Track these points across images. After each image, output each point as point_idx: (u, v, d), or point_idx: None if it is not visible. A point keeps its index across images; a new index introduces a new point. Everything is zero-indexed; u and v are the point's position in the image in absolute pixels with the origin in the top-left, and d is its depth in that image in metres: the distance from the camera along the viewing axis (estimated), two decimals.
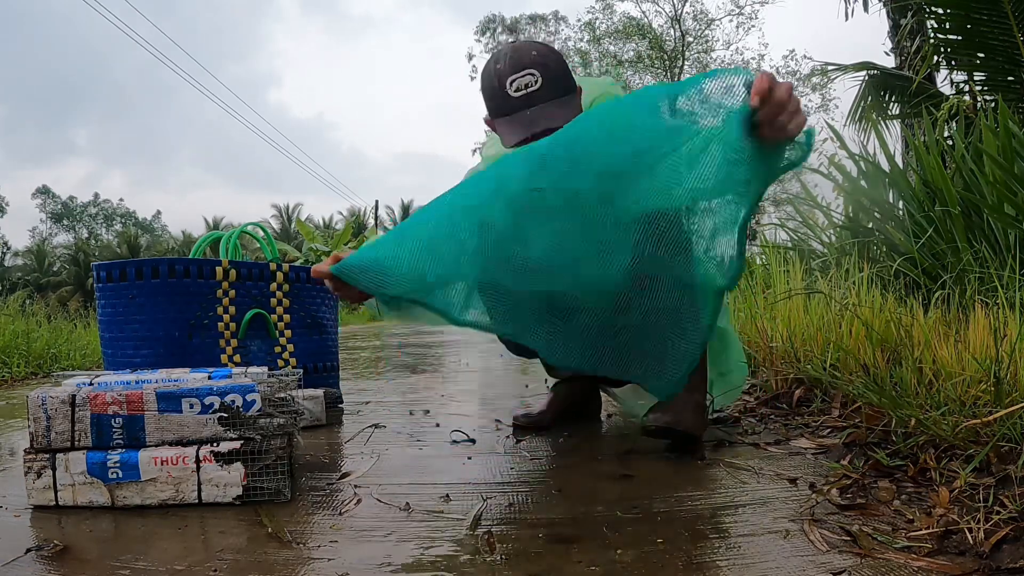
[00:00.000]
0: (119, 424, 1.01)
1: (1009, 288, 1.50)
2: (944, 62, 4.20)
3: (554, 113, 1.23)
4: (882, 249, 2.55)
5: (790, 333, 1.91)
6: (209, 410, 1.03)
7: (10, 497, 1.07)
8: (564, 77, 1.26)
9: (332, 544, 0.85)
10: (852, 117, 5.02)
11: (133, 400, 1.01)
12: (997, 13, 3.54)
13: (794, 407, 1.64)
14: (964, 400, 1.11)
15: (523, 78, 1.25)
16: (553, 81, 1.25)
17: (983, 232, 2.15)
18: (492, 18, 22.78)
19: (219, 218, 32.87)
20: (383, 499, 1.03)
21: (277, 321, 1.79)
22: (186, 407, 1.02)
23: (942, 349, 1.25)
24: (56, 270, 31.93)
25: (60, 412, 0.99)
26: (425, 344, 4.73)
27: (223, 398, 1.03)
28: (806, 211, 3.35)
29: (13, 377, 3.13)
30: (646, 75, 21.36)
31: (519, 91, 1.25)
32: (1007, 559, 0.73)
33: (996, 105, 2.84)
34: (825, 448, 1.27)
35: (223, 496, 1.01)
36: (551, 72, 1.25)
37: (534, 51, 1.27)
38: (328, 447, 1.44)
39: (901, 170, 2.82)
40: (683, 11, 20.74)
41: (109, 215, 44.77)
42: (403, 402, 2.04)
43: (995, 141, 2.20)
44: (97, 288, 1.71)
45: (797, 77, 20.28)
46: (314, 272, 1.16)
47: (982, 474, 0.94)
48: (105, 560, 0.81)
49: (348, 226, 18.00)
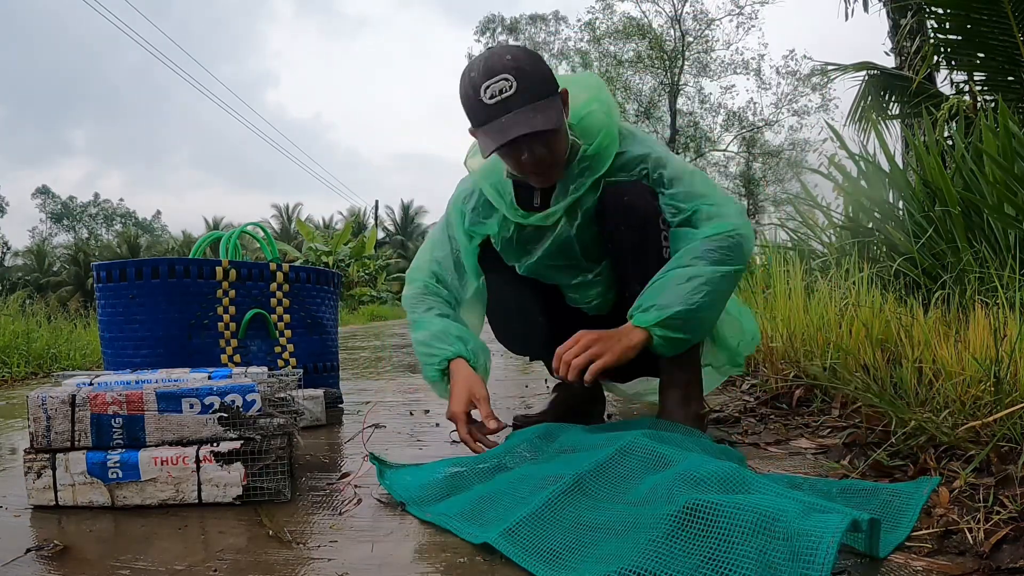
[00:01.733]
0: (119, 424, 1.01)
1: (1009, 288, 1.50)
2: (944, 62, 4.20)
3: (530, 118, 1.17)
4: (882, 249, 2.55)
5: (790, 333, 1.91)
6: (209, 410, 1.03)
7: (10, 497, 1.07)
8: (541, 81, 1.20)
9: (332, 544, 0.85)
10: (852, 117, 5.02)
11: (133, 400, 1.01)
12: (997, 13, 3.54)
13: (794, 407, 1.64)
14: (964, 400, 1.11)
15: (497, 84, 1.18)
16: (528, 85, 1.18)
17: (983, 232, 2.15)
18: (492, 18, 22.77)
19: (219, 218, 32.88)
20: (383, 499, 1.03)
21: (277, 321, 1.79)
22: (186, 407, 1.02)
23: (942, 349, 1.25)
24: (56, 270, 31.93)
25: (60, 412, 0.99)
26: None
27: (223, 398, 1.03)
28: (806, 211, 3.35)
29: (13, 377, 3.13)
30: (646, 75, 21.35)
31: (493, 98, 1.18)
32: (1007, 559, 0.73)
33: (996, 105, 2.84)
34: (825, 448, 1.27)
35: (223, 496, 1.01)
36: (526, 76, 1.18)
37: (508, 56, 1.20)
38: (328, 447, 1.44)
39: (901, 170, 2.82)
40: (683, 11, 20.74)
41: (109, 215, 44.76)
42: (403, 402, 2.04)
43: (995, 141, 2.20)
44: (97, 288, 1.71)
45: (797, 77, 20.29)
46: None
47: (982, 474, 0.94)
48: (105, 560, 0.81)
49: (348, 226, 18.00)
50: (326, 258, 15.13)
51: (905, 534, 0.80)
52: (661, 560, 0.66)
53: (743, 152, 22.21)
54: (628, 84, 21.21)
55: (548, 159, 1.23)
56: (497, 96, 1.17)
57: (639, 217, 1.26)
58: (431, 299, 1.40)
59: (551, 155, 1.23)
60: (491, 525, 0.84)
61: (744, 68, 21.10)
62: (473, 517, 0.88)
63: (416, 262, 1.48)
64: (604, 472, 0.93)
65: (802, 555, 0.60)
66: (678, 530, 0.69)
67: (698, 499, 0.71)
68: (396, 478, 1.07)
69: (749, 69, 20.98)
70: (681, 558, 0.66)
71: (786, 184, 19.98)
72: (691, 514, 0.70)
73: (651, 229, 1.26)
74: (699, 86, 21.67)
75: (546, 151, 1.22)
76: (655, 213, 1.26)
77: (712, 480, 0.81)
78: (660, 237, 1.27)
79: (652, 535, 0.70)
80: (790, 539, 0.62)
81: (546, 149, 1.22)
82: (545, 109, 1.18)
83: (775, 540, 0.63)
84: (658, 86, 21.41)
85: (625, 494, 0.88)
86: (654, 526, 0.71)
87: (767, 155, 21.60)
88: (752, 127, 21.62)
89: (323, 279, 1.94)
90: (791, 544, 0.62)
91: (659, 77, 21.33)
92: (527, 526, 0.81)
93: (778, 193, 20.07)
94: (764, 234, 3.91)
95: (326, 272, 1.96)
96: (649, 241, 1.26)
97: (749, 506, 0.68)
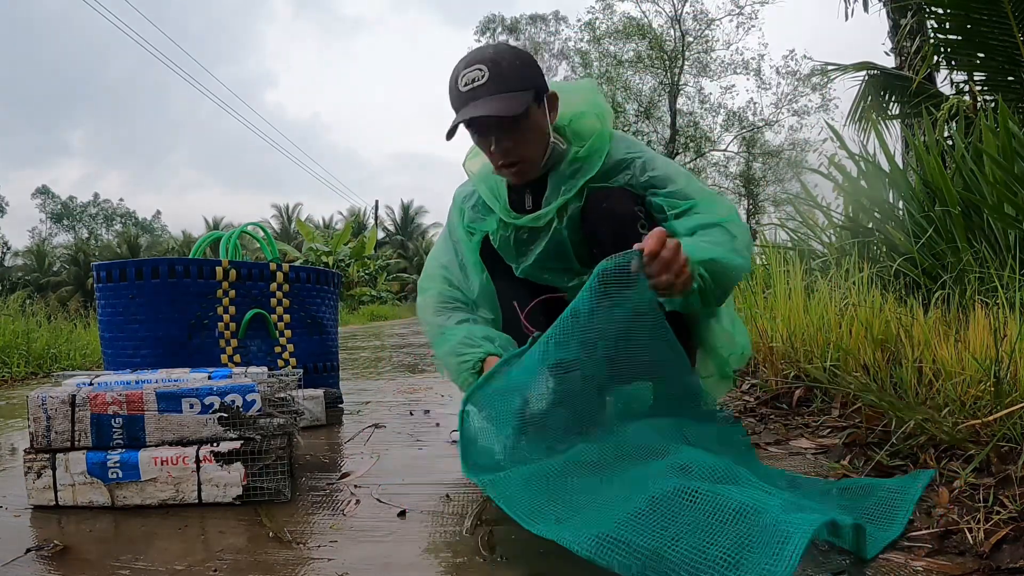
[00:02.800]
0: (119, 424, 1.01)
1: (1009, 288, 1.50)
2: (944, 62, 4.21)
3: (491, 105, 1.18)
4: (882, 249, 2.55)
5: (790, 333, 1.91)
6: (209, 410, 1.03)
7: (10, 497, 1.07)
8: (517, 78, 1.21)
9: (332, 544, 0.85)
10: (852, 117, 5.02)
11: (133, 400, 1.01)
12: (997, 13, 3.54)
13: (794, 407, 1.64)
14: (964, 400, 1.11)
15: (471, 72, 1.21)
16: (500, 77, 1.20)
17: (983, 232, 2.15)
18: (492, 18, 22.78)
19: (219, 218, 32.85)
20: (383, 499, 1.03)
21: (277, 321, 1.79)
22: (186, 407, 1.02)
23: (942, 349, 1.25)
24: (56, 270, 31.92)
25: (60, 412, 0.99)
26: (425, 344, 4.73)
27: (223, 398, 1.03)
28: (806, 211, 3.35)
29: (13, 377, 3.13)
30: (646, 75, 21.36)
31: (467, 85, 1.21)
32: (1007, 559, 0.73)
33: (996, 105, 2.84)
34: (825, 448, 1.27)
35: (223, 496, 1.01)
36: (501, 69, 1.20)
37: (492, 50, 1.23)
38: (328, 447, 1.44)
39: (901, 170, 2.82)
40: (683, 11, 20.74)
41: (109, 215, 44.76)
42: (403, 402, 2.04)
43: (995, 141, 2.20)
44: (97, 288, 1.71)
45: (797, 77, 20.29)
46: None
47: (982, 474, 0.94)
48: (105, 560, 0.81)
49: (348, 226, 18.00)
50: (326, 258, 15.13)
51: (899, 530, 0.80)
52: (638, 530, 0.68)
53: (743, 152, 22.21)
54: (628, 84, 21.21)
55: (514, 153, 1.25)
56: (470, 84, 1.20)
57: (618, 221, 1.25)
58: (449, 307, 1.41)
59: (517, 149, 1.24)
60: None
61: (744, 68, 21.11)
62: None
63: (425, 271, 1.49)
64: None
65: (771, 545, 0.62)
66: (660, 505, 0.71)
67: (685, 484, 0.73)
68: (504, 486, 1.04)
69: (749, 69, 20.99)
70: (659, 530, 0.68)
71: (786, 184, 19.98)
72: (675, 494, 0.72)
73: (630, 232, 1.24)
74: (699, 86, 21.68)
75: (512, 144, 1.24)
76: (633, 218, 1.25)
77: (703, 471, 0.83)
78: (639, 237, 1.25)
79: (632, 508, 0.71)
80: (765, 529, 0.64)
81: (512, 142, 1.23)
82: (510, 100, 1.19)
83: (753, 528, 0.65)
84: (658, 86, 21.41)
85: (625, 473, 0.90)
86: (638, 502, 0.73)
87: (767, 155, 21.60)
88: (752, 127, 21.62)
89: (323, 279, 1.94)
90: (765, 534, 0.64)
91: (659, 77, 21.33)
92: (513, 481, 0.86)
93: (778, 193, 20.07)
94: (764, 234, 3.91)
95: (326, 272, 1.96)
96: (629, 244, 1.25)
97: (733, 496, 0.69)
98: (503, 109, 1.19)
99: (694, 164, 21.98)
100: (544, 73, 1.33)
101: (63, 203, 43.80)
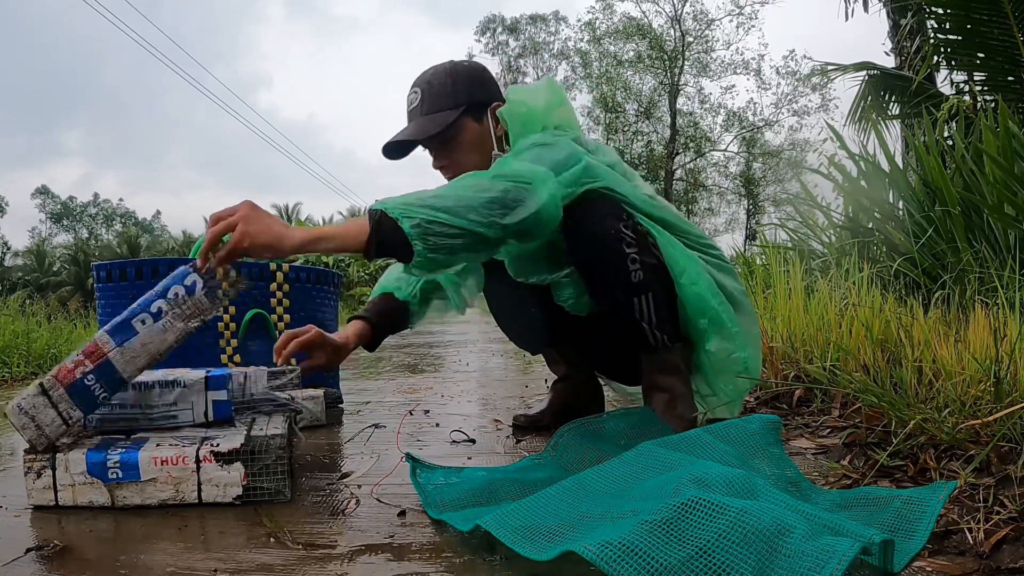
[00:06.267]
0: (92, 380, 1.01)
1: (1009, 288, 1.50)
2: (944, 62, 4.21)
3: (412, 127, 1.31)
4: (882, 249, 2.55)
5: (790, 333, 1.91)
6: (160, 316, 1.03)
7: (10, 497, 1.07)
8: (444, 96, 1.31)
9: (332, 544, 0.85)
10: (852, 117, 5.03)
11: (91, 351, 1.01)
12: (997, 13, 3.54)
13: (794, 407, 1.64)
14: (964, 400, 1.11)
15: (410, 94, 1.34)
16: (430, 98, 1.31)
17: (983, 232, 2.15)
18: (492, 18, 22.80)
19: None
20: (383, 499, 1.03)
21: (277, 321, 1.79)
22: (138, 325, 1.02)
23: (942, 349, 1.25)
24: (56, 270, 31.91)
25: (38, 404, 0.99)
26: (425, 344, 4.73)
27: (166, 294, 1.03)
28: (806, 211, 3.35)
29: (13, 377, 3.13)
30: (646, 75, 21.37)
31: (408, 106, 1.34)
32: (1007, 559, 0.73)
33: (996, 105, 2.84)
34: (825, 448, 1.27)
35: (223, 496, 1.01)
36: (432, 89, 1.31)
37: (431, 71, 1.34)
38: (328, 447, 1.44)
39: (901, 170, 2.82)
40: (683, 11, 20.76)
41: (109, 215, 44.77)
42: (403, 402, 2.04)
43: (995, 141, 2.20)
44: (97, 288, 1.71)
45: (797, 77, 20.30)
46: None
47: (982, 474, 0.94)
48: (105, 560, 0.81)
49: None
50: (326, 258, 15.13)
51: (922, 544, 0.77)
52: (652, 542, 0.64)
53: (743, 152, 22.22)
54: (628, 84, 21.22)
55: (450, 168, 1.34)
56: (409, 105, 1.35)
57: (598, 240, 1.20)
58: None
59: (452, 163, 1.34)
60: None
61: (744, 68, 21.13)
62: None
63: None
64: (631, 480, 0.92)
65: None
66: (676, 520, 0.67)
67: (703, 496, 0.69)
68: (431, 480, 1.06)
69: (749, 69, 21.01)
70: (675, 545, 0.64)
71: (786, 184, 20.00)
72: (693, 508, 0.68)
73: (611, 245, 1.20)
74: (699, 86, 21.70)
75: (448, 160, 1.34)
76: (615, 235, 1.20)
77: (719, 482, 0.80)
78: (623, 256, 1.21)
79: (648, 519, 0.68)
80: (792, 557, 0.60)
81: (447, 158, 1.34)
82: (434, 120, 1.30)
83: (778, 555, 0.61)
84: (658, 86, 21.43)
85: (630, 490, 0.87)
86: (652, 513, 0.70)
87: (767, 155, 21.61)
88: (752, 127, 21.64)
89: (323, 279, 1.94)
90: (792, 562, 0.60)
91: (659, 77, 21.35)
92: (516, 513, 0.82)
93: (778, 193, 20.08)
94: (764, 234, 3.91)
95: (326, 272, 1.95)
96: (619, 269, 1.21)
97: (756, 511, 0.66)
98: (420, 132, 1.30)
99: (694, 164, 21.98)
100: (499, 84, 1.40)
101: (63, 203, 43.82)
